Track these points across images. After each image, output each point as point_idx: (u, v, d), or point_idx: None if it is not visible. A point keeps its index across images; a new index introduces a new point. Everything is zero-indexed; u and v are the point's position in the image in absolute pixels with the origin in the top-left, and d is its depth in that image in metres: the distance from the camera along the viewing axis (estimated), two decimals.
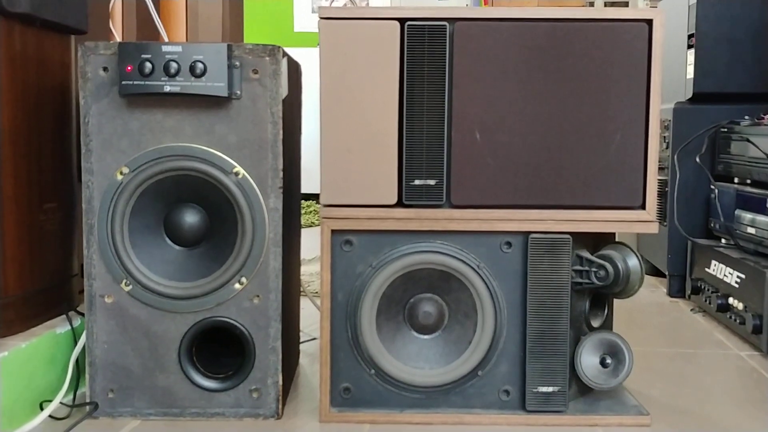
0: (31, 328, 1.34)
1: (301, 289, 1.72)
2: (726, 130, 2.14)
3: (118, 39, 1.88)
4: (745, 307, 1.80)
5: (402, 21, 1.27)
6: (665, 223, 2.29)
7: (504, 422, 1.32)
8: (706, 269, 2.05)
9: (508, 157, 1.29)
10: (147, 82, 1.25)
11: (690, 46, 2.28)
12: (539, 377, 1.32)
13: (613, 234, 1.39)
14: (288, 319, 1.40)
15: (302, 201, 3.96)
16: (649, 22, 1.27)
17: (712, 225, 2.16)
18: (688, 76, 2.28)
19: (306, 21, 4.80)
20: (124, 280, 1.29)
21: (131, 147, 1.28)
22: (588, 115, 1.29)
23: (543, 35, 1.27)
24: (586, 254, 1.33)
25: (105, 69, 1.27)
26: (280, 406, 1.33)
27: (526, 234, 1.30)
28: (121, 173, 1.28)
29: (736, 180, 2.07)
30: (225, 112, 1.28)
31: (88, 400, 1.32)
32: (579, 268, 1.33)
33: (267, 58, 1.27)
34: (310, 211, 3.90)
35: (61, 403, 1.31)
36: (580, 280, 1.33)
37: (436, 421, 1.32)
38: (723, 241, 2.10)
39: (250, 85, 1.28)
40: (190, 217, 1.31)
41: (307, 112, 1.91)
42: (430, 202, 1.30)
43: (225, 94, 1.25)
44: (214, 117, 1.28)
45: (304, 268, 2.35)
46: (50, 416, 1.29)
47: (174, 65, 1.24)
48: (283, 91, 1.29)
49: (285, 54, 1.32)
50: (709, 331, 1.94)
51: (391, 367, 1.32)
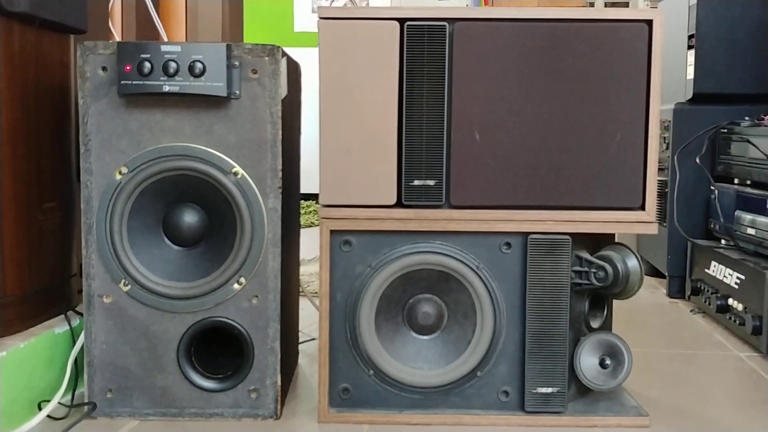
0: (29, 328, 1.34)
1: (300, 290, 1.72)
2: (726, 130, 2.14)
3: (118, 39, 1.88)
4: (745, 308, 1.80)
5: (401, 21, 1.27)
6: (665, 224, 2.29)
7: (503, 423, 1.32)
8: (706, 270, 2.05)
9: (508, 157, 1.29)
10: (146, 82, 1.25)
11: (690, 47, 2.28)
12: (538, 378, 1.31)
13: (613, 235, 1.39)
14: (287, 320, 1.40)
15: (302, 201, 3.97)
16: (649, 23, 1.27)
17: (712, 226, 2.16)
18: (688, 77, 2.28)
19: (306, 21, 4.80)
20: (123, 280, 1.29)
21: (130, 147, 1.28)
22: (588, 116, 1.29)
23: (543, 35, 1.27)
24: (586, 255, 1.33)
25: (104, 69, 1.27)
26: (279, 407, 1.33)
27: (526, 234, 1.30)
28: (120, 173, 1.28)
29: (736, 181, 2.07)
30: (224, 111, 1.28)
31: (86, 400, 1.32)
32: (578, 268, 1.33)
33: (266, 58, 1.27)
34: (310, 212, 3.90)
35: (59, 403, 1.31)
36: (579, 281, 1.33)
37: (434, 422, 1.32)
38: (723, 242, 2.10)
39: (250, 85, 1.27)
40: (189, 217, 1.31)
41: (307, 112, 1.90)
42: (429, 203, 1.29)
43: (224, 93, 1.25)
44: (213, 117, 1.28)
45: (303, 269, 2.35)
46: (48, 416, 1.29)
47: (173, 65, 1.24)
48: (283, 91, 1.29)
49: (284, 54, 1.31)
50: (709, 332, 1.94)
51: (390, 368, 1.31)
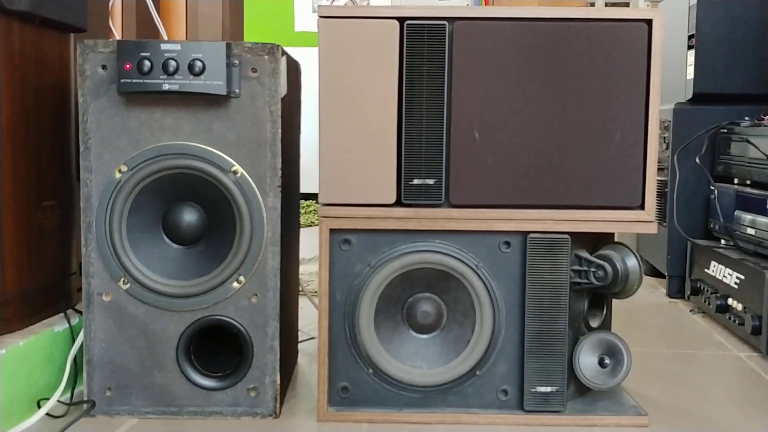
0: (29, 326, 1.34)
1: (300, 289, 1.72)
2: (726, 130, 2.14)
3: (118, 37, 1.88)
4: (745, 308, 1.80)
5: (401, 20, 1.27)
6: (665, 224, 2.29)
7: (502, 422, 1.32)
8: (706, 270, 2.05)
9: (507, 156, 1.29)
10: (146, 81, 1.25)
11: (690, 47, 2.28)
12: (537, 377, 1.31)
13: (612, 234, 1.39)
14: (286, 318, 1.40)
15: (302, 200, 3.96)
16: (649, 23, 1.27)
17: (712, 226, 2.16)
18: (688, 77, 2.28)
19: (307, 20, 4.79)
20: (122, 279, 1.29)
21: (130, 145, 1.28)
22: (587, 115, 1.29)
23: (542, 35, 1.27)
24: (585, 254, 1.33)
25: (104, 67, 1.27)
26: (278, 405, 1.33)
27: (525, 234, 1.30)
28: (120, 171, 1.28)
29: (736, 181, 2.07)
30: (224, 110, 1.28)
31: (85, 398, 1.32)
32: (578, 268, 1.33)
33: (266, 57, 1.27)
34: (310, 211, 3.90)
35: (58, 401, 1.31)
36: (578, 280, 1.33)
37: (433, 421, 1.32)
38: (722, 241, 2.10)
39: (249, 84, 1.28)
40: (189, 216, 1.31)
41: (308, 112, 1.90)
42: (428, 202, 1.30)
43: (224, 92, 1.25)
44: (213, 115, 1.28)
45: (303, 268, 2.35)
46: (48, 414, 1.29)
47: (173, 63, 1.24)
48: (282, 90, 1.29)
49: (284, 53, 1.31)
50: (708, 332, 1.94)
51: (389, 367, 1.31)
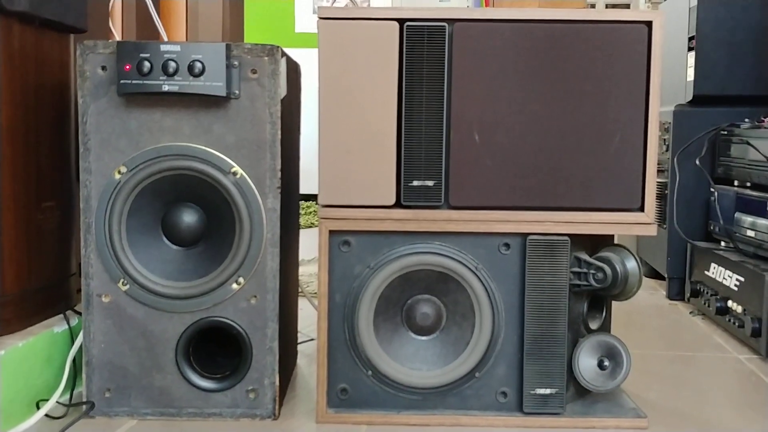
0: (28, 327, 1.34)
1: (300, 290, 1.72)
2: (726, 132, 2.14)
3: (118, 38, 1.88)
4: (744, 310, 1.80)
5: (401, 21, 1.27)
6: (665, 226, 2.28)
7: (501, 424, 1.32)
8: (706, 272, 2.05)
9: (507, 158, 1.29)
10: (145, 82, 1.25)
11: (690, 49, 2.28)
12: (537, 379, 1.31)
13: (612, 236, 1.39)
14: (285, 320, 1.40)
15: (302, 202, 3.97)
16: (649, 24, 1.27)
17: (712, 228, 2.16)
18: (689, 79, 2.28)
19: (307, 22, 4.79)
20: (122, 280, 1.29)
21: (129, 146, 1.28)
22: (587, 117, 1.29)
23: (542, 36, 1.27)
24: (585, 256, 1.33)
25: (103, 68, 1.27)
26: (277, 407, 1.33)
27: (525, 235, 1.30)
28: (119, 172, 1.28)
29: (736, 183, 2.07)
30: (223, 111, 1.28)
31: (84, 400, 1.32)
32: (577, 270, 1.33)
33: (266, 58, 1.27)
34: (310, 212, 3.90)
35: (57, 402, 1.31)
36: (578, 282, 1.33)
37: (433, 423, 1.32)
38: (722, 244, 2.10)
39: (249, 85, 1.27)
40: (188, 217, 1.31)
41: (308, 113, 1.91)
42: (428, 203, 1.29)
43: (223, 93, 1.25)
44: (213, 116, 1.28)
45: (303, 269, 2.35)
46: (47, 415, 1.29)
47: (172, 64, 1.24)
48: (282, 91, 1.29)
49: (284, 54, 1.31)
50: (708, 334, 1.94)
51: (388, 368, 1.31)
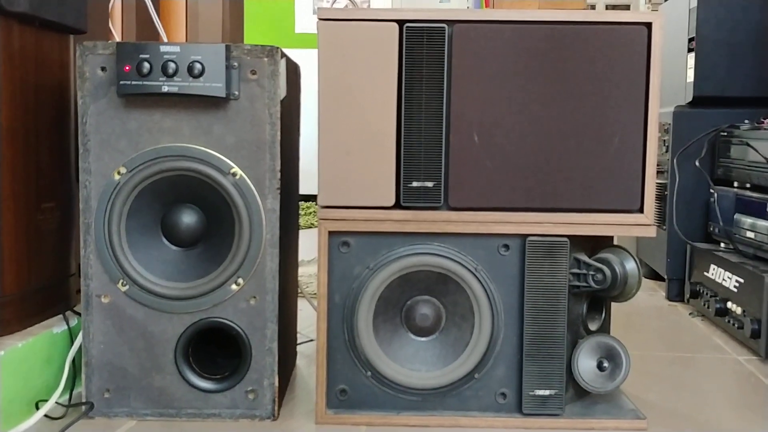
0: (28, 328, 1.34)
1: (299, 291, 1.72)
2: (726, 134, 2.14)
3: (118, 39, 1.88)
4: (744, 312, 1.80)
5: (401, 23, 1.27)
6: (664, 227, 2.28)
7: (500, 425, 1.32)
8: (705, 273, 2.05)
9: (506, 159, 1.29)
10: (145, 83, 1.25)
11: (690, 50, 2.28)
12: (536, 380, 1.31)
13: (611, 237, 1.39)
14: (285, 321, 1.40)
15: (302, 202, 3.97)
16: (649, 26, 1.27)
17: (712, 229, 2.16)
18: (688, 80, 2.28)
19: (307, 22, 4.80)
20: (121, 280, 1.29)
21: (129, 147, 1.28)
22: (586, 118, 1.29)
23: (542, 38, 1.27)
24: (584, 257, 1.33)
25: (103, 69, 1.27)
26: (276, 408, 1.33)
27: (524, 237, 1.30)
28: (119, 173, 1.28)
29: (736, 184, 2.07)
30: (223, 112, 1.28)
31: (84, 400, 1.32)
32: (576, 271, 1.33)
33: (265, 59, 1.27)
34: (310, 213, 3.90)
35: (57, 403, 1.31)
36: (577, 284, 1.33)
37: (432, 424, 1.32)
38: (722, 245, 2.10)
39: (248, 86, 1.28)
40: (188, 218, 1.31)
41: (307, 113, 1.91)
42: (427, 204, 1.29)
43: (223, 94, 1.25)
44: (212, 117, 1.28)
45: (303, 270, 2.35)
46: (46, 416, 1.29)
47: (172, 65, 1.24)
48: (282, 92, 1.29)
49: (283, 55, 1.31)
50: (708, 336, 1.94)
51: (387, 369, 1.31)
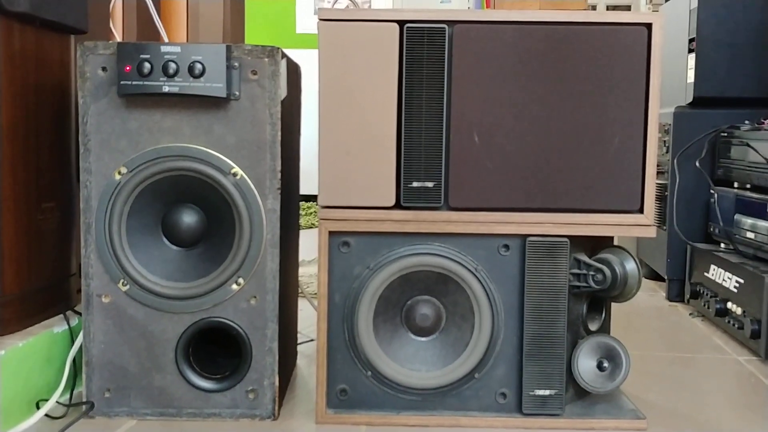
0: (28, 327, 1.34)
1: (300, 291, 1.72)
2: (726, 134, 2.14)
3: (119, 39, 1.88)
4: (744, 312, 1.80)
5: (401, 23, 1.27)
6: (665, 228, 2.29)
7: (500, 425, 1.32)
8: (705, 274, 2.05)
9: (507, 159, 1.29)
10: (145, 83, 1.25)
11: (690, 51, 2.28)
12: (536, 380, 1.31)
13: (611, 237, 1.39)
14: (285, 321, 1.40)
15: (303, 202, 3.97)
16: (649, 26, 1.27)
17: (712, 229, 2.16)
18: (689, 81, 2.28)
19: (308, 23, 4.80)
20: (122, 280, 1.29)
21: (129, 147, 1.28)
22: (587, 119, 1.29)
23: (542, 38, 1.27)
24: (584, 258, 1.33)
25: (104, 69, 1.27)
26: (277, 407, 1.33)
27: (524, 237, 1.30)
28: (120, 173, 1.28)
29: (736, 185, 2.07)
30: (223, 112, 1.28)
31: (84, 400, 1.32)
32: (576, 271, 1.33)
33: (266, 59, 1.27)
34: (310, 213, 3.90)
35: (57, 402, 1.32)
36: (577, 284, 1.33)
37: (432, 424, 1.32)
38: (722, 245, 2.10)
39: (249, 86, 1.28)
40: (188, 218, 1.32)
41: (308, 114, 1.91)
42: (428, 204, 1.30)
43: (223, 94, 1.26)
44: (213, 117, 1.28)
45: (303, 270, 2.35)
46: (46, 415, 1.29)
47: (173, 66, 1.24)
48: (282, 92, 1.29)
49: (284, 55, 1.32)
50: (708, 336, 1.94)
51: (387, 369, 1.32)
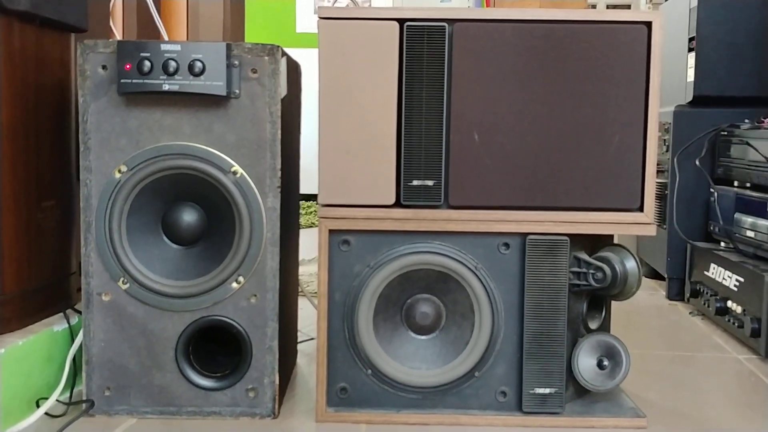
0: (28, 326, 1.34)
1: (300, 289, 1.72)
2: (726, 133, 2.14)
3: (119, 38, 1.88)
4: (744, 311, 1.80)
5: (401, 21, 1.27)
6: (665, 226, 2.29)
7: (500, 423, 1.32)
8: (705, 272, 2.05)
9: (507, 158, 1.29)
10: (146, 81, 1.25)
11: (690, 49, 2.28)
12: (536, 379, 1.31)
13: (611, 236, 1.39)
14: (285, 319, 1.40)
15: (303, 201, 3.97)
16: (649, 25, 1.27)
17: (712, 228, 2.16)
18: (689, 79, 2.28)
19: (308, 22, 4.80)
20: (122, 278, 1.29)
21: (129, 145, 1.28)
22: (587, 117, 1.29)
23: (542, 37, 1.27)
24: (584, 256, 1.33)
25: (104, 67, 1.27)
26: (277, 406, 1.33)
27: (524, 235, 1.30)
28: (120, 171, 1.28)
29: (736, 183, 2.07)
30: (223, 111, 1.28)
31: (84, 398, 1.32)
32: (576, 269, 1.33)
33: (266, 58, 1.27)
34: (311, 212, 3.90)
35: (57, 401, 1.32)
36: (577, 282, 1.33)
37: (432, 422, 1.32)
38: (722, 244, 2.10)
39: (249, 85, 1.28)
40: (188, 216, 1.32)
41: (308, 112, 1.91)
42: (428, 203, 1.30)
43: (223, 93, 1.26)
44: (213, 116, 1.28)
45: (303, 269, 2.35)
46: (46, 414, 1.29)
47: (173, 64, 1.24)
48: (282, 91, 1.29)
49: (284, 53, 1.32)
50: (708, 335, 1.94)
51: (388, 368, 1.32)
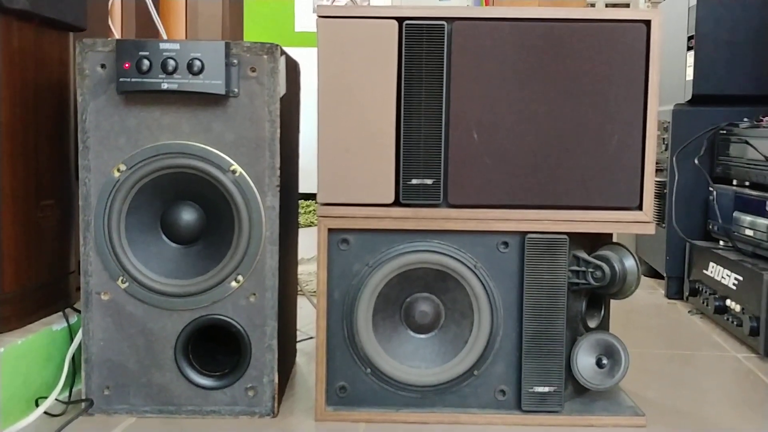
0: (27, 325, 1.34)
1: (299, 288, 1.72)
2: (725, 132, 2.14)
3: (117, 37, 1.88)
4: (743, 309, 1.80)
5: (400, 20, 1.27)
6: (664, 225, 2.29)
7: (500, 422, 1.32)
8: (704, 271, 2.05)
9: (506, 156, 1.29)
10: (144, 80, 1.25)
11: (690, 48, 2.28)
12: (535, 377, 1.32)
13: (611, 234, 1.39)
14: (284, 318, 1.40)
15: (302, 200, 3.97)
16: (648, 23, 1.27)
17: (711, 227, 2.16)
18: (688, 78, 2.28)
19: (307, 21, 4.80)
20: (121, 278, 1.29)
21: (128, 144, 1.28)
22: (586, 116, 1.29)
23: (541, 35, 1.27)
24: (583, 255, 1.33)
25: (103, 66, 1.27)
26: (276, 405, 1.33)
27: (523, 234, 1.30)
28: (118, 170, 1.28)
29: (735, 182, 2.07)
30: (222, 109, 1.28)
31: (83, 397, 1.32)
32: (576, 268, 1.33)
33: (265, 56, 1.27)
34: (310, 211, 3.90)
35: (56, 400, 1.32)
36: (576, 281, 1.33)
37: (431, 421, 1.32)
38: (721, 243, 2.10)
39: (248, 83, 1.28)
40: (187, 215, 1.31)
41: (307, 111, 1.91)
42: (427, 202, 1.30)
43: (222, 91, 1.26)
44: (212, 115, 1.28)
45: (302, 268, 2.35)
46: (46, 413, 1.29)
47: (171, 63, 1.24)
48: (281, 90, 1.29)
49: (283, 52, 1.32)
50: (707, 333, 1.94)
51: (387, 366, 1.32)
